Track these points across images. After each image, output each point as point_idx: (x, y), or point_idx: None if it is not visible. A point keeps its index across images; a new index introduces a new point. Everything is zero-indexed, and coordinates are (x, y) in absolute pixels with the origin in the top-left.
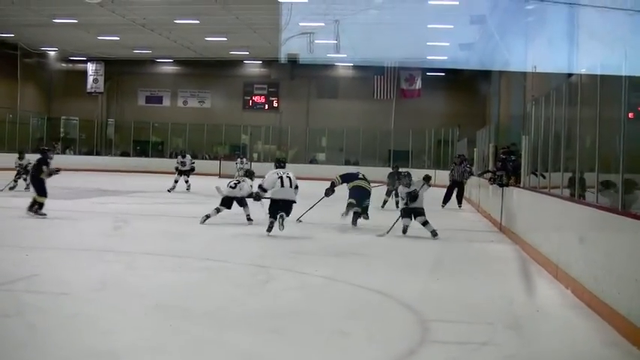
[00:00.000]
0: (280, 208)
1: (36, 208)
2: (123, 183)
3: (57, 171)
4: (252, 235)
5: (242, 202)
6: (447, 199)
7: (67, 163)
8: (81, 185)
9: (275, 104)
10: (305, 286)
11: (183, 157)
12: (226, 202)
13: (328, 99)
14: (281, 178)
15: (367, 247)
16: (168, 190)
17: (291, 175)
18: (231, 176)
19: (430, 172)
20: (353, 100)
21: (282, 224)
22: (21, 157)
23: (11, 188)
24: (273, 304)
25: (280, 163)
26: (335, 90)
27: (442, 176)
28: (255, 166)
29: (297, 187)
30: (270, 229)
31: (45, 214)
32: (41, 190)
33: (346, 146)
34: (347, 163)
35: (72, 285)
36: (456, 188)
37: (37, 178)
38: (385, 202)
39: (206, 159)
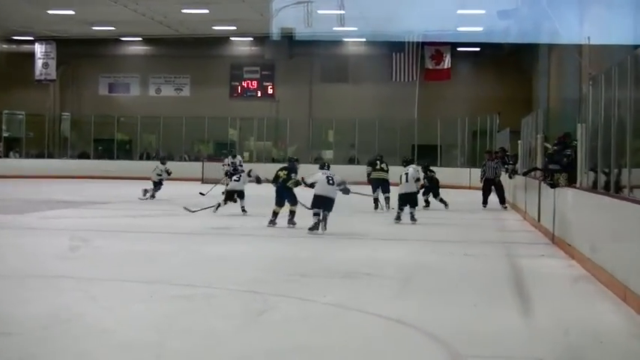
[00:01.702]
0: (322, 205)
1: None
2: (81, 192)
3: None
4: (242, 253)
5: (242, 194)
6: (485, 199)
7: (10, 168)
8: (29, 196)
9: (270, 91)
10: (310, 316)
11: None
12: (230, 197)
13: (336, 83)
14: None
15: (384, 266)
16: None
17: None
18: (216, 181)
19: (464, 171)
20: (366, 84)
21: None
22: None
23: None
24: (271, 341)
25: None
26: (344, 72)
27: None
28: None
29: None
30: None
31: None
32: None
33: (359, 141)
34: (357, 162)
35: (17, 322)
36: (492, 187)
37: None
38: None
39: (185, 160)
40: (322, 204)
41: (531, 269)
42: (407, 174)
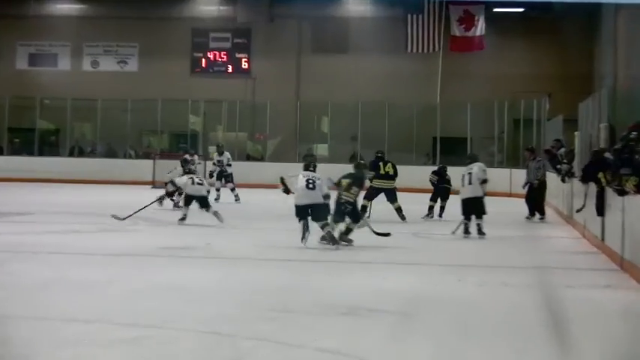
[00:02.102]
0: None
1: None
2: None
3: None
4: (207, 281)
5: (204, 203)
6: (531, 209)
7: None
8: None
9: (244, 65)
10: None
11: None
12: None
13: (332, 55)
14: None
15: (394, 299)
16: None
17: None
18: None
19: (503, 173)
20: (372, 57)
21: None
22: None
23: None
24: None
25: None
26: (343, 40)
27: (521, 176)
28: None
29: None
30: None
31: None
32: None
33: (362, 132)
34: (361, 159)
35: None
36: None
37: None
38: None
39: (131, 157)
40: (305, 213)
41: (592, 303)
42: (470, 174)
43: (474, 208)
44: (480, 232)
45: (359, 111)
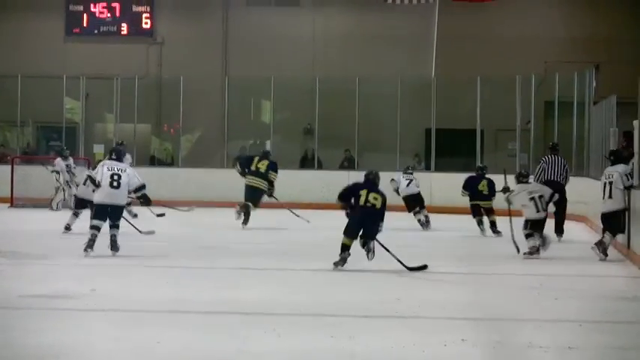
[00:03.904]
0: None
1: None
2: None
3: None
4: (90, 344)
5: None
6: (558, 224)
7: None
8: None
9: (145, 23)
10: None
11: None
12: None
13: (275, 8)
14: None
15: None
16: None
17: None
18: (38, 200)
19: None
20: (335, 10)
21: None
22: None
23: None
24: None
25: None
26: None
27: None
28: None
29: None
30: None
31: None
32: None
33: (321, 123)
34: (317, 162)
35: None
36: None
37: None
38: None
39: None
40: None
41: None
42: (611, 182)
43: (615, 223)
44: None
45: (316, 91)
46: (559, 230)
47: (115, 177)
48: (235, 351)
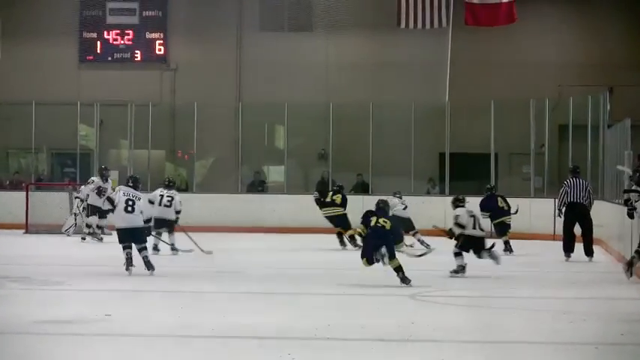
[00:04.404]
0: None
1: None
2: None
3: None
4: None
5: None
6: (568, 242)
7: None
8: None
9: (159, 49)
10: None
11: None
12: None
13: (289, 33)
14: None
15: None
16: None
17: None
18: (53, 226)
19: (545, 205)
20: (349, 36)
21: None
22: None
23: None
24: None
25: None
26: (305, 12)
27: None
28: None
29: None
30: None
31: None
32: None
33: (335, 148)
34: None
35: None
36: (577, 222)
37: None
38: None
39: None
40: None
41: None
42: None
43: None
44: None
45: (330, 116)
46: (588, 252)
47: (130, 202)
48: None
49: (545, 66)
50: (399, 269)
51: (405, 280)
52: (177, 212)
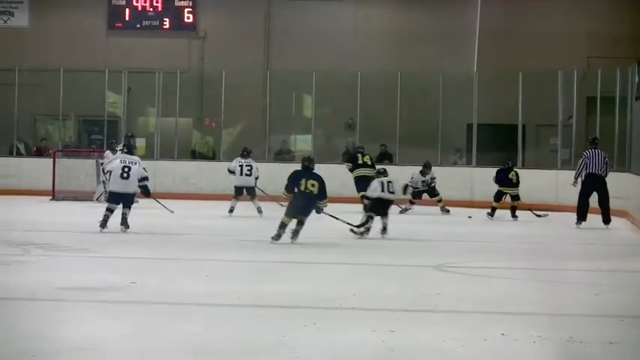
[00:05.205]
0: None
1: None
2: None
3: None
4: (126, 337)
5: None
6: (582, 210)
7: None
8: None
9: (188, 18)
10: None
11: None
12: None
13: (318, 2)
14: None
15: None
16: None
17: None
18: (80, 193)
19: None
20: (378, 5)
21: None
22: None
23: None
24: None
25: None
26: None
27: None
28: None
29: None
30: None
31: None
32: None
33: (363, 117)
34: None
35: None
36: (595, 191)
37: None
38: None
39: (19, 154)
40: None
41: None
42: None
43: None
44: None
45: (358, 86)
46: (606, 219)
47: (126, 169)
48: (275, 344)
49: (574, 37)
50: (300, 224)
51: (295, 235)
52: (256, 178)
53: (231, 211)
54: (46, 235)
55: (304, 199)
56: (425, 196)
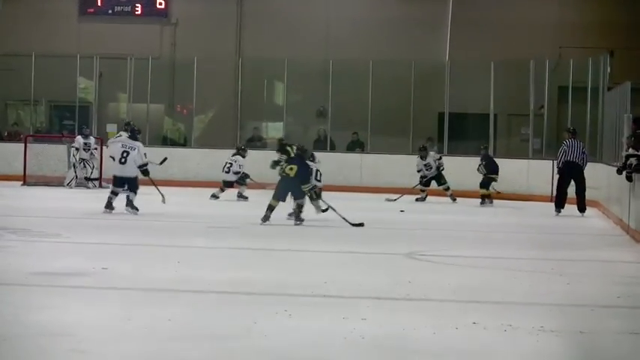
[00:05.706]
0: None
1: None
2: None
3: None
4: (96, 323)
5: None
6: (560, 198)
7: None
8: None
9: (160, 3)
10: None
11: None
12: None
13: None
14: None
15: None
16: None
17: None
18: (51, 179)
19: (543, 166)
20: None
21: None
22: None
23: None
24: None
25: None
26: None
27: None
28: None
29: None
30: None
31: None
32: None
33: (334, 105)
34: (330, 145)
35: None
36: (572, 179)
37: None
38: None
39: None
40: None
41: None
42: None
43: None
44: None
45: (330, 74)
46: (581, 209)
47: (125, 154)
48: (246, 330)
49: (546, 27)
50: (300, 207)
51: (298, 217)
52: (236, 173)
53: (213, 196)
54: (19, 220)
55: (283, 181)
56: (433, 184)
